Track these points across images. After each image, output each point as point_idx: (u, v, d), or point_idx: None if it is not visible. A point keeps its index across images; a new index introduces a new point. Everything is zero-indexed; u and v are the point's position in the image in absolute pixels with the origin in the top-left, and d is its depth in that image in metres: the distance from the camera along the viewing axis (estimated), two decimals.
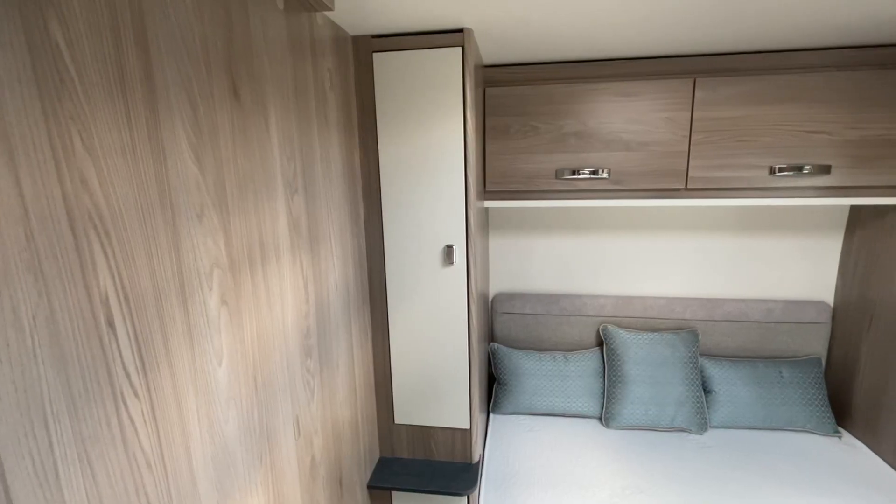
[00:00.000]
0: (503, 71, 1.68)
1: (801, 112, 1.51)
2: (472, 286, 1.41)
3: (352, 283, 1.34)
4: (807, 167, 1.52)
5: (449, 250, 1.39)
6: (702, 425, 1.78)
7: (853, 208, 1.81)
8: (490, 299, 2.13)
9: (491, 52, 1.52)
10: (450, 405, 1.52)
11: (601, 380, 1.90)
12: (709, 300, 1.96)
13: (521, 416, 1.93)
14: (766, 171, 1.55)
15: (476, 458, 1.56)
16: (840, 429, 1.78)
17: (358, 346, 1.40)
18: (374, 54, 1.32)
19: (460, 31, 1.27)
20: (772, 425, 1.78)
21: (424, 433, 1.57)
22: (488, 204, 1.75)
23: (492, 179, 1.70)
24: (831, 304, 1.91)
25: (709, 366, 1.86)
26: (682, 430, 1.79)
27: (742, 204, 1.62)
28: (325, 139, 1.15)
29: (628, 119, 1.60)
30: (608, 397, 1.85)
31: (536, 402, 1.90)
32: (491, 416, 1.96)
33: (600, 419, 1.88)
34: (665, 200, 1.65)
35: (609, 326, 1.94)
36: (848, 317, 1.82)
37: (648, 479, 1.55)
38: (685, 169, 1.60)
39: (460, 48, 1.28)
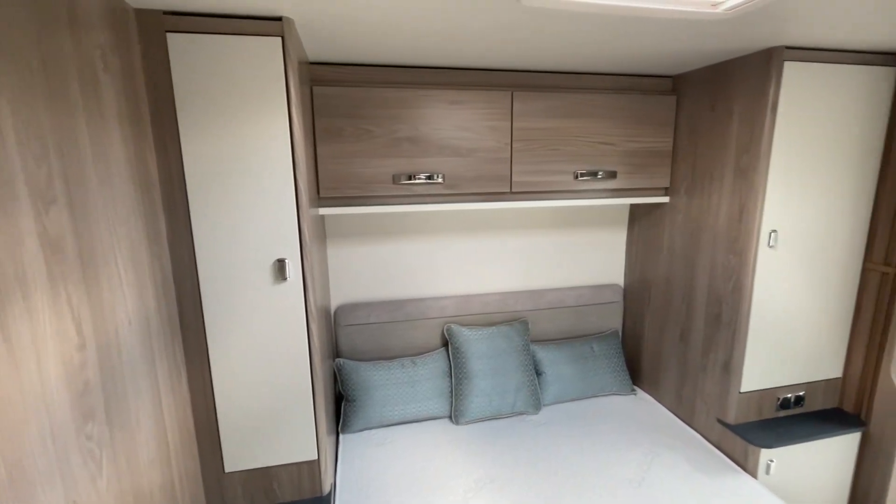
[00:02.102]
0: (334, 70, 1.59)
1: (593, 126, 1.78)
2: (312, 302, 1.28)
3: (154, 315, 1.09)
4: (600, 173, 1.79)
5: (281, 265, 1.23)
6: (537, 405, 1.96)
7: (632, 206, 2.23)
8: (332, 312, 2.00)
9: (318, 48, 1.40)
10: (293, 437, 1.36)
11: (449, 379, 1.95)
12: (534, 291, 2.19)
13: (373, 431, 1.86)
14: (572, 176, 1.79)
15: (327, 488, 1.43)
16: (635, 387, 2.18)
17: (168, 391, 1.14)
18: (168, 34, 1.09)
19: (279, 19, 1.13)
20: (588, 394, 2.07)
21: (264, 476, 1.37)
22: (324, 211, 1.63)
23: (327, 185, 1.59)
24: (622, 286, 2.32)
25: (538, 351, 2.07)
26: (522, 414, 1.96)
27: (555, 205, 1.83)
28: (100, 134, 0.89)
29: (458, 126, 1.66)
30: (456, 395, 1.91)
31: (388, 413, 1.85)
32: (341, 437, 1.84)
33: (450, 417, 1.93)
34: (494, 203, 1.77)
35: (452, 326, 2.00)
36: (634, 295, 2.23)
37: (497, 467, 1.64)
38: (509, 174, 1.73)
39: (280, 38, 1.14)
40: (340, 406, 1.92)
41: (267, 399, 1.32)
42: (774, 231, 1.57)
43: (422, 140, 1.64)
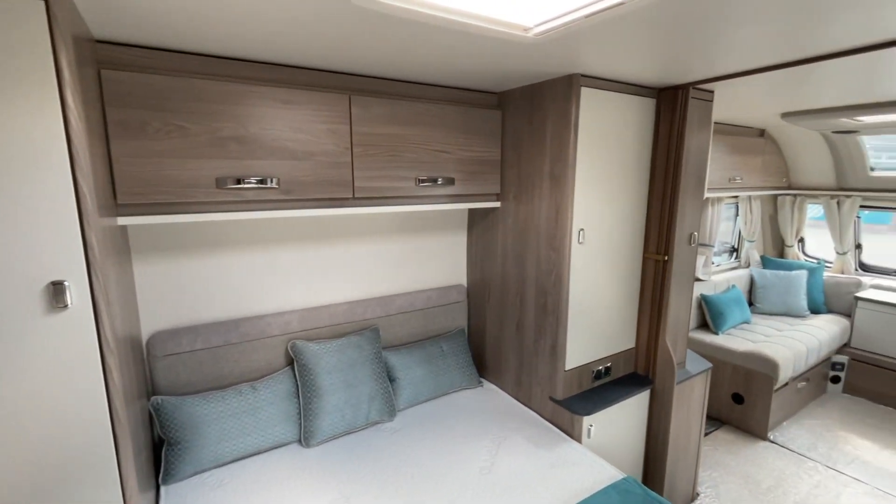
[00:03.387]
0: (131, 52, 1.33)
1: (431, 134, 1.85)
2: (107, 331, 1.04)
3: None
4: (440, 179, 1.87)
5: (57, 289, 0.97)
6: (391, 412, 1.95)
7: (470, 211, 2.39)
8: (144, 343, 1.67)
9: (107, 23, 1.15)
10: None
11: (296, 399, 1.80)
12: (384, 298, 2.17)
13: (207, 474, 1.60)
14: (414, 182, 1.82)
15: None
16: (482, 380, 2.33)
17: None
18: None
19: None
20: (440, 392, 2.14)
21: None
22: (125, 221, 1.35)
23: (126, 189, 1.32)
24: (466, 286, 2.46)
25: (391, 357, 2.06)
26: (377, 423, 1.92)
27: (399, 210, 1.85)
28: None
29: (293, 127, 1.55)
30: (305, 415, 1.78)
31: (224, 450, 1.62)
32: (163, 490, 1.54)
33: (300, 441, 1.78)
34: (337, 209, 1.70)
35: (298, 342, 1.86)
36: (476, 293, 2.39)
37: (352, 483, 1.57)
38: (351, 179, 1.69)
39: (43, 2, 0.90)
40: (160, 454, 1.61)
41: (41, 470, 1.02)
42: (582, 229, 1.84)
43: (251, 140, 1.48)
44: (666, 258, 2.03)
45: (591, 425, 1.90)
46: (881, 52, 1.37)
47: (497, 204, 2.12)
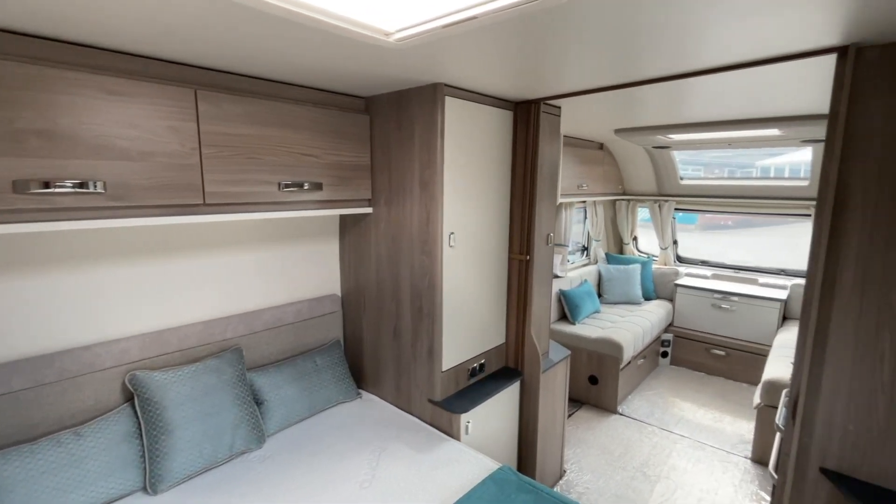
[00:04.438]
0: None
1: (295, 137, 1.74)
2: None
3: None
4: (306, 184, 1.78)
5: None
6: (260, 439, 1.78)
7: (342, 217, 2.31)
8: None
9: None
10: None
11: (138, 441, 1.54)
12: (248, 314, 1.98)
13: None
14: (276, 187, 1.70)
15: None
16: (360, 391, 2.26)
17: None
18: None
19: None
20: (316, 409, 2.02)
21: None
22: None
23: None
24: (340, 295, 2.37)
25: (257, 378, 1.89)
26: (244, 453, 1.73)
27: (261, 217, 1.70)
28: None
29: (123, 123, 1.33)
30: (151, 458, 1.52)
31: None
32: None
33: (145, 489, 1.52)
34: (185, 217, 1.50)
35: (139, 373, 1.59)
36: (351, 302, 2.32)
37: None
38: (201, 183, 1.51)
39: None
40: None
41: None
42: (453, 233, 1.91)
43: (62, 136, 1.23)
44: (528, 258, 2.20)
45: (468, 422, 1.97)
46: (684, 81, 1.66)
47: (369, 210, 2.09)
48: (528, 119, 2.12)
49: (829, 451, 1.46)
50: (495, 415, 2.15)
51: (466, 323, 2.06)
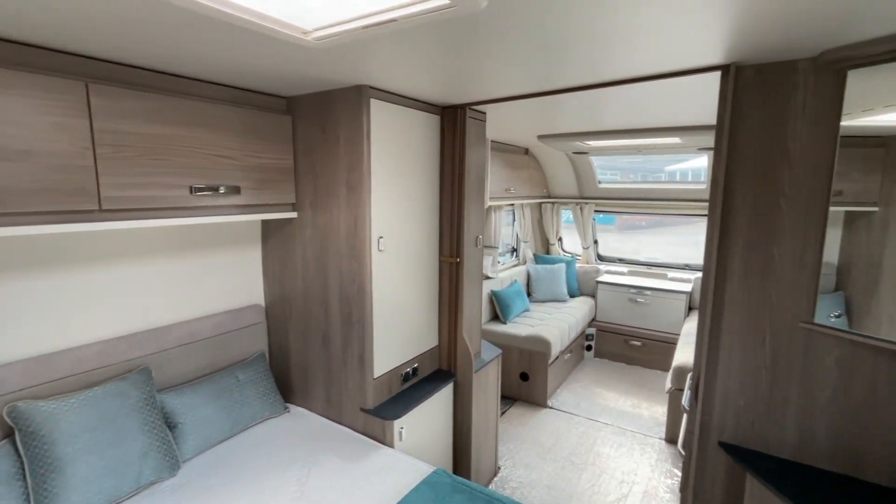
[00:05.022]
0: None
1: (209, 137, 1.63)
2: None
3: None
4: (222, 188, 1.66)
5: None
6: (173, 466, 1.63)
7: (264, 222, 2.19)
8: None
9: None
10: None
11: (20, 483, 1.34)
12: (158, 330, 1.81)
13: None
14: (188, 191, 1.58)
15: None
16: (288, 405, 2.15)
17: None
18: None
19: None
20: (239, 428, 1.89)
21: None
22: None
23: None
24: (264, 305, 2.25)
25: (169, 399, 1.73)
26: (154, 483, 1.57)
27: (170, 224, 1.57)
28: None
29: None
30: (37, 500, 1.33)
31: None
32: None
33: None
34: (77, 225, 1.34)
35: (21, 404, 1.39)
36: (276, 313, 2.20)
37: None
38: (95, 187, 1.35)
39: None
40: None
41: None
42: (382, 237, 1.88)
43: None
44: (458, 260, 2.23)
45: (402, 428, 1.94)
46: (597, 91, 1.77)
47: (293, 214, 2.01)
48: (454, 123, 2.16)
49: (726, 426, 1.63)
50: (429, 418, 2.15)
51: (398, 327, 2.04)
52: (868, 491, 1.39)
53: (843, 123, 1.35)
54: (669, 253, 4.86)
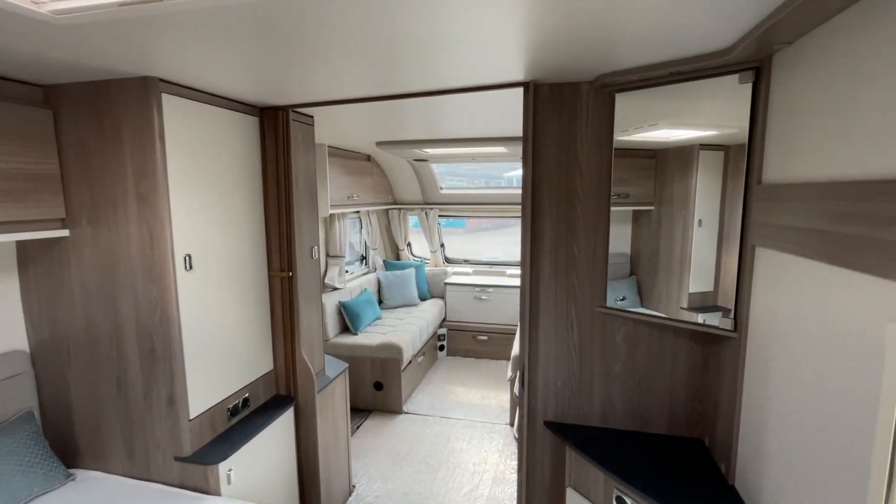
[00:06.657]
0: None
1: None
2: None
3: None
4: None
5: None
6: None
7: (20, 244, 1.70)
8: None
9: None
10: None
11: None
12: None
13: None
14: None
15: None
16: (73, 471, 1.71)
17: None
18: None
19: None
20: None
21: None
22: None
23: None
24: (28, 351, 1.74)
25: None
26: None
27: None
28: None
29: None
30: None
31: None
32: None
33: None
34: None
35: None
36: (48, 357, 1.73)
37: None
38: None
39: None
40: None
41: None
42: (189, 255, 1.62)
43: None
44: (290, 274, 2.06)
45: (230, 470, 1.70)
46: (431, 99, 1.80)
47: (65, 232, 1.60)
48: (276, 127, 1.98)
49: (549, 406, 1.80)
50: (266, 452, 1.93)
51: (219, 356, 1.79)
52: (651, 441, 1.67)
53: (618, 137, 1.61)
54: (508, 252, 5.32)
